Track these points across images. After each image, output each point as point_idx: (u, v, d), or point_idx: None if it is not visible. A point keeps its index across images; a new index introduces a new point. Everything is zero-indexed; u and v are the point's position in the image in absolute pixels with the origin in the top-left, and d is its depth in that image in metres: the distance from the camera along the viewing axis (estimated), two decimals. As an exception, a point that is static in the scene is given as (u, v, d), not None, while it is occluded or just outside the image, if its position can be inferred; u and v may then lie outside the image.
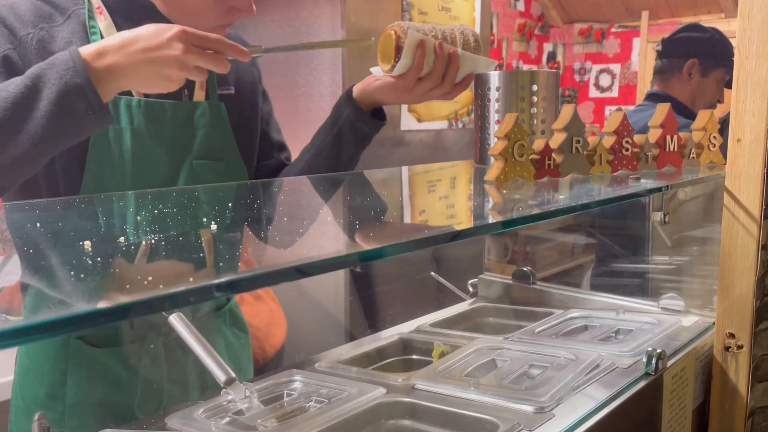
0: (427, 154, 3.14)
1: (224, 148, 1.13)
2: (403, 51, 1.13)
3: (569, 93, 4.81)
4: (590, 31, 4.67)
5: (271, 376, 1.06)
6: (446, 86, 1.16)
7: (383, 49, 1.18)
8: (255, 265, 0.57)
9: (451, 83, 1.16)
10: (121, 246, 0.56)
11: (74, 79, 0.85)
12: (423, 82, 1.14)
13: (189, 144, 1.09)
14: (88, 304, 0.40)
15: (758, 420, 1.16)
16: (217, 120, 1.13)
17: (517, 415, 0.85)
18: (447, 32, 1.19)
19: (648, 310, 1.31)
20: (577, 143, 1.08)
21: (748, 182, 1.07)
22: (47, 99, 0.85)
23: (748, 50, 1.06)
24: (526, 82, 1.25)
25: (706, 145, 1.23)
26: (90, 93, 0.86)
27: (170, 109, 1.08)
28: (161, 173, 1.07)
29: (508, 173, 1.02)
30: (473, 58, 1.18)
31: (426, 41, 1.13)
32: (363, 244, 0.65)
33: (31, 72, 0.87)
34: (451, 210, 0.98)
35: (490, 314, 1.44)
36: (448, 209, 0.98)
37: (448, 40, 1.17)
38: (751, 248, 1.08)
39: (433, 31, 1.17)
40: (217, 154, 1.12)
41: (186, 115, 1.09)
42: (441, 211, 0.95)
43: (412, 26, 1.15)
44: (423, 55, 1.12)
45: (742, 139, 1.07)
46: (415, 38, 1.12)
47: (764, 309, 1.12)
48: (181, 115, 1.09)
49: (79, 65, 0.86)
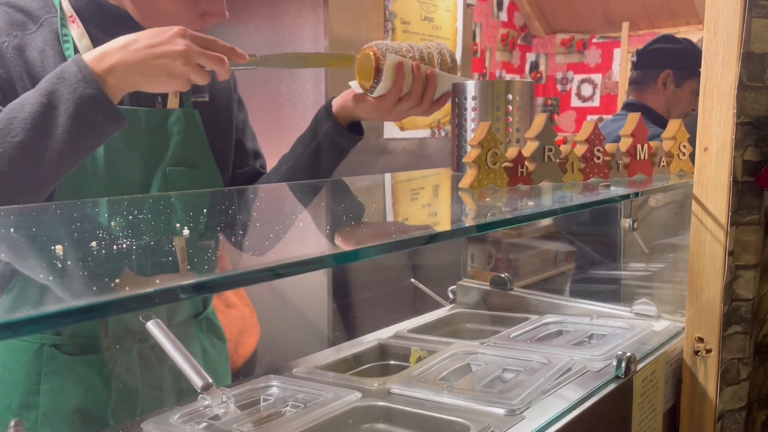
0: (410, 162, 3.17)
1: (198, 155, 1.14)
2: (382, 73, 1.15)
3: (551, 102, 4.87)
4: (572, 42, 4.73)
5: (248, 381, 1.07)
6: (424, 105, 1.20)
7: (361, 66, 1.20)
8: (228, 267, 0.58)
9: (429, 102, 1.20)
10: (93, 250, 0.57)
11: (87, 90, 0.87)
12: (402, 102, 1.18)
13: (162, 151, 1.10)
14: (55, 304, 0.41)
15: (727, 423, 1.19)
16: (191, 127, 1.14)
17: (489, 418, 0.87)
18: (424, 52, 1.21)
19: (621, 316, 1.33)
20: (549, 151, 1.10)
21: (715, 190, 1.10)
22: (65, 114, 0.87)
23: (714, 61, 1.10)
24: (502, 92, 1.27)
25: (676, 153, 1.26)
26: (104, 101, 0.88)
27: (144, 116, 1.09)
28: (135, 180, 1.08)
29: (481, 180, 1.04)
30: (450, 77, 1.22)
31: (404, 63, 1.15)
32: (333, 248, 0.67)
33: (44, 88, 0.88)
34: (420, 216, 0.99)
35: (467, 320, 1.46)
36: (419, 215, 1.00)
37: (425, 60, 1.20)
38: (718, 254, 1.10)
39: (411, 51, 1.19)
40: (192, 161, 1.13)
41: (159, 122, 1.10)
42: (412, 217, 0.97)
43: (390, 47, 1.17)
44: (402, 78, 1.16)
45: (708, 148, 1.10)
46: (394, 60, 1.14)
47: (732, 314, 1.15)
48: (155, 122, 1.10)
49: (88, 75, 0.87)
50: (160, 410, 0.97)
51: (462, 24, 3.06)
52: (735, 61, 1.07)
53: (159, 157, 1.10)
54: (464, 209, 0.97)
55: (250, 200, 1.08)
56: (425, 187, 1.32)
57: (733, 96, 1.07)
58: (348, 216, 0.91)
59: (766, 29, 1.12)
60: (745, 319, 1.16)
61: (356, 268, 2.45)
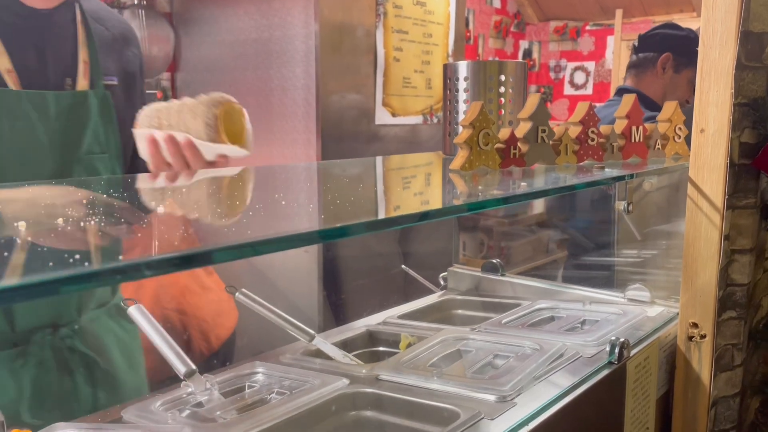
0: (402, 148, 3.13)
1: (110, 140, 1.11)
2: None
3: (544, 90, 4.84)
4: (565, 29, 4.69)
5: (233, 368, 1.04)
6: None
7: None
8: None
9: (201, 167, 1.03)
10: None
11: None
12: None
13: (79, 136, 1.06)
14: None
15: (721, 410, 1.17)
16: (105, 111, 1.10)
17: (479, 404, 0.85)
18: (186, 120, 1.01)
19: (614, 301, 1.31)
20: (543, 133, 1.07)
21: (711, 172, 1.07)
22: None
23: (711, 40, 1.07)
24: (494, 72, 1.24)
25: (672, 136, 1.23)
26: None
27: (53, 100, 1.04)
28: (49, 167, 1.04)
29: (473, 162, 1.01)
30: (214, 148, 1.01)
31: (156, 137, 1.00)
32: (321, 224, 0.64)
33: None
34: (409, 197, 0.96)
35: (458, 306, 1.43)
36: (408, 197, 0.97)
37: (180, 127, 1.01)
38: (714, 238, 1.08)
39: (168, 118, 1.02)
40: (106, 147, 1.10)
41: (71, 105, 1.06)
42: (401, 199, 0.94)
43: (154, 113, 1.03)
44: (157, 152, 1.01)
45: (705, 130, 1.08)
46: (143, 135, 1.01)
47: (727, 299, 1.13)
48: (66, 105, 1.05)
49: None
50: (140, 397, 0.94)
51: (455, 10, 3.02)
52: (733, 40, 1.05)
53: (76, 144, 1.05)
54: (455, 191, 0.94)
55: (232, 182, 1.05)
56: (416, 171, 1.29)
57: (731, 76, 1.05)
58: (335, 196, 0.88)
59: (765, 8, 1.09)
60: (740, 304, 1.14)
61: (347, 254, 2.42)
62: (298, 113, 2.52)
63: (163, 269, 0.48)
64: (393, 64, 2.72)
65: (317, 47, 2.57)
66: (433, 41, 2.93)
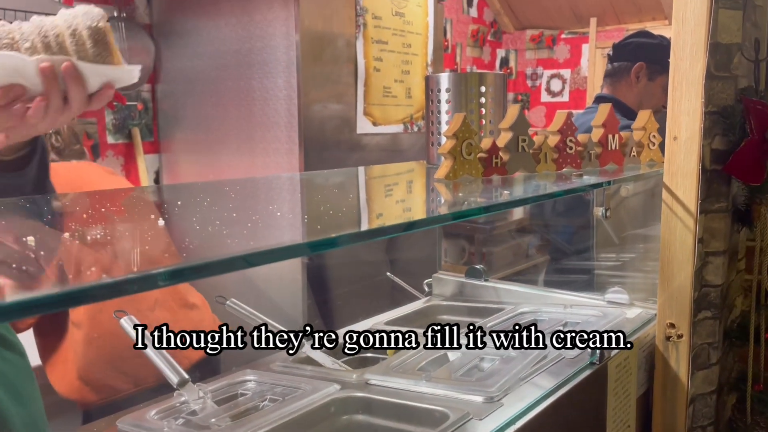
0: (384, 157, 3.16)
1: None
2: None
3: (522, 98, 4.91)
4: (541, 38, 4.78)
5: (225, 376, 1.06)
6: (73, 108, 0.83)
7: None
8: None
9: (80, 105, 0.83)
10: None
11: None
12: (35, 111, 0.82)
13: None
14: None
15: (699, 407, 1.21)
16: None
17: (467, 405, 0.88)
18: (50, 34, 0.80)
19: (595, 304, 1.35)
20: (523, 142, 1.11)
21: (685, 178, 1.12)
22: None
23: (682, 52, 1.11)
24: (475, 84, 1.28)
25: (647, 143, 1.28)
26: None
27: None
28: None
29: (457, 171, 1.05)
30: (100, 69, 0.82)
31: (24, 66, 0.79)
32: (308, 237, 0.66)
33: None
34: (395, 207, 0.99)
35: (443, 311, 1.46)
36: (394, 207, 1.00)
37: (53, 49, 0.81)
38: (688, 241, 1.13)
39: (29, 38, 0.80)
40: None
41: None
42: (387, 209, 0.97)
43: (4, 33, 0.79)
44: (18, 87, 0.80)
45: (678, 137, 1.12)
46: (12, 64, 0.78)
47: (702, 299, 1.17)
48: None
49: None
50: (135, 407, 0.95)
51: (433, 20, 3.07)
52: (703, 51, 1.10)
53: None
54: (440, 199, 0.97)
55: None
56: (400, 180, 1.32)
57: (702, 86, 1.09)
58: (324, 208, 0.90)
59: (732, 20, 1.14)
60: (715, 304, 1.19)
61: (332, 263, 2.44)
62: (280, 123, 2.54)
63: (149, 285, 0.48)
64: (373, 74, 2.76)
65: (298, 58, 2.59)
66: (412, 51, 2.98)
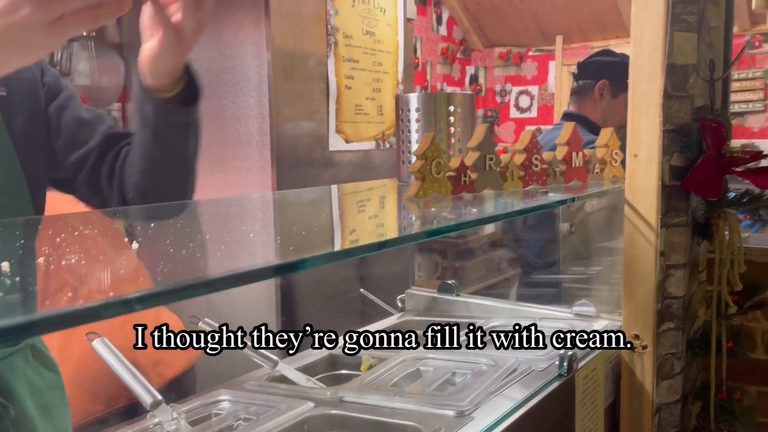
0: (356, 174, 3.19)
1: (2, 157, 0.97)
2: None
3: (491, 114, 4.99)
4: (509, 55, 4.88)
5: (199, 397, 1.06)
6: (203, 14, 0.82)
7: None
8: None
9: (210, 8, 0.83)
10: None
11: None
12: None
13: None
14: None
15: (664, 416, 1.25)
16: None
17: (439, 420, 0.89)
18: None
19: (563, 317, 1.38)
20: (490, 161, 1.14)
21: (645, 194, 1.16)
22: None
23: (640, 73, 1.16)
24: (443, 104, 1.31)
25: (609, 160, 1.32)
26: None
27: None
28: None
29: (426, 190, 1.07)
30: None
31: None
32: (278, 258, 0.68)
33: None
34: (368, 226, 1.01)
35: (416, 327, 1.48)
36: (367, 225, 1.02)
37: None
38: (650, 255, 1.17)
39: None
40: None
41: None
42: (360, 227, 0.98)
43: None
44: None
45: (638, 155, 1.16)
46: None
47: (665, 311, 1.21)
48: None
49: None
50: (108, 429, 0.95)
51: (403, 39, 3.12)
52: (660, 72, 1.14)
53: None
54: (411, 217, 1.00)
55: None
56: (372, 196, 1.34)
57: (659, 105, 1.14)
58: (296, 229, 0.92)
59: (687, 42, 1.20)
60: (677, 315, 1.23)
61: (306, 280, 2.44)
62: (253, 142, 2.55)
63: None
64: (345, 92, 2.79)
65: (270, 76, 2.61)
66: (383, 69, 3.02)
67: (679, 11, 1.16)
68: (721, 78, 1.29)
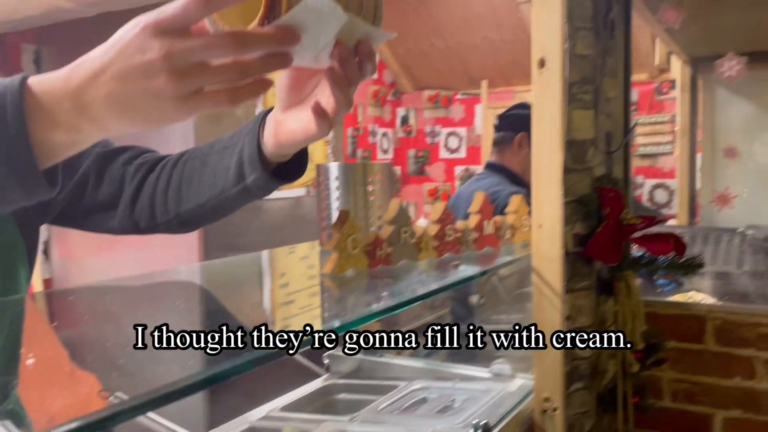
0: (287, 221, 3.19)
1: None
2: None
3: (422, 154, 5.11)
4: (438, 98, 5.02)
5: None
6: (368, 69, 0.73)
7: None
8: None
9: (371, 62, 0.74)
10: None
11: None
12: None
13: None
14: None
15: (578, 471, 1.30)
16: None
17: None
18: None
19: (481, 377, 1.43)
20: (405, 233, 1.18)
21: (551, 262, 1.23)
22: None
23: (541, 148, 1.24)
24: (361, 173, 1.35)
25: (519, 226, 1.39)
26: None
27: None
28: None
29: (343, 265, 1.10)
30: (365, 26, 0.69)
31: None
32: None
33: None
34: (288, 312, 1.03)
35: (340, 391, 1.50)
36: (287, 311, 1.03)
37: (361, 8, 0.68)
38: (556, 320, 1.23)
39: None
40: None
41: None
42: (282, 314, 1.00)
43: None
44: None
45: (543, 225, 1.23)
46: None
47: (573, 372, 1.27)
48: None
49: None
50: None
51: (332, 86, 3.17)
52: (559, 148, 1.22)
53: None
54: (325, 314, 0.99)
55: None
56: (289, 282, 1.34)
57: (560, 179, 1.21)
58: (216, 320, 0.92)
59: (584, 119, 1.28)
60: (585, 375, 1.29)
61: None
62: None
63: None
64: (273, 143, 2.80)
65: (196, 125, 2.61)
66: (311, 118, 3.06)
67: (576, 91, 1.25)
68: (617, 150, 1.38)
